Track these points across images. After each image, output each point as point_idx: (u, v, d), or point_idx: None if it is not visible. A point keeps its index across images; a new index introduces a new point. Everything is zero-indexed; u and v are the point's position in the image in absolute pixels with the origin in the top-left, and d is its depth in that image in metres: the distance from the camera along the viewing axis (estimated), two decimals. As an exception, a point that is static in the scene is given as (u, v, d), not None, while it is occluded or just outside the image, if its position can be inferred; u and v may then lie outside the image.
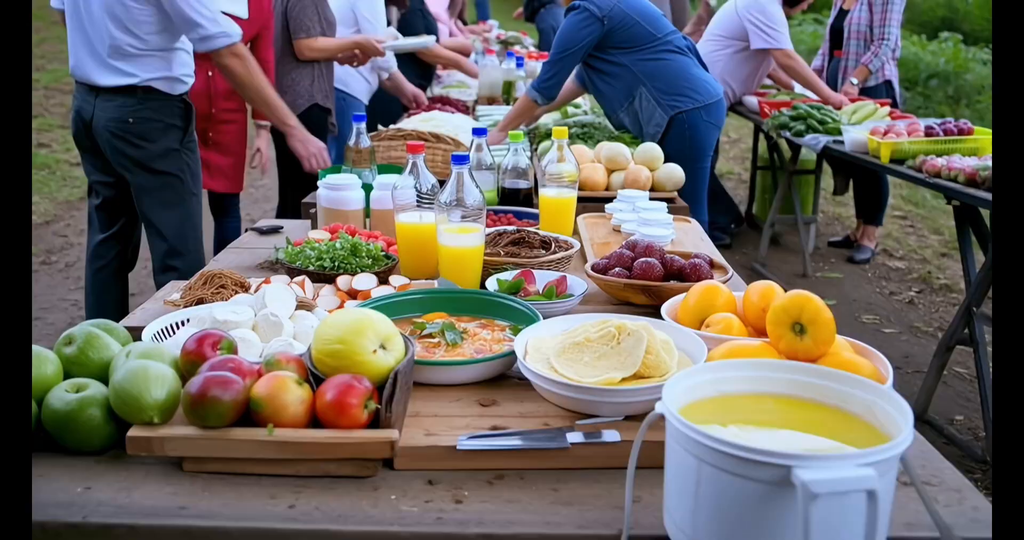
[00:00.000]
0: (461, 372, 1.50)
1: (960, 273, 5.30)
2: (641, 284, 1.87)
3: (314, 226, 2.66)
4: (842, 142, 4.27)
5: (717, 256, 2.21)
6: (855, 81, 5.36)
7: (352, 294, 1.89)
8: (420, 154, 2.10)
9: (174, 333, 1.59)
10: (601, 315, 1.61)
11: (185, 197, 3.12)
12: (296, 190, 4.03)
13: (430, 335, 1.63)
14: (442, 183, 2.96)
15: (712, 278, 1.92)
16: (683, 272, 1.93)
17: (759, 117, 5.33)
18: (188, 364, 1.33)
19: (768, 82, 5.96)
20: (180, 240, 3.13)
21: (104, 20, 2.92)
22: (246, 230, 2.69)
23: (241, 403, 1.22)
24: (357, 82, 4.70)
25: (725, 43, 5.39)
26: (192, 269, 3.11)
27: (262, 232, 2.62)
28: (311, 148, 3.13)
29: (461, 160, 1.99)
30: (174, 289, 1.94)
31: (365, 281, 1.90)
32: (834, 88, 5.65)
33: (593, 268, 2.02)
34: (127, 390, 1.21)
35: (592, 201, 2.93)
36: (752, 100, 5.44)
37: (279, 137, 4.13)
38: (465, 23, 8.82)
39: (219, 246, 3.96)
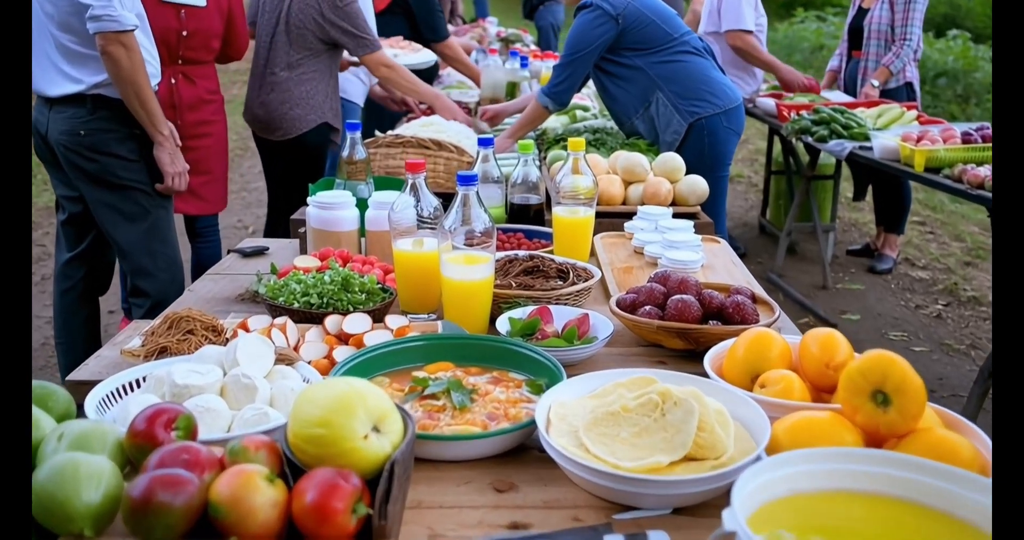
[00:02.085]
0: (472, 448, 1.25)
1: (988, 284, 5.05)
2: (677, 327, 1.62)
3: (303, 248, 2.40)
4: (869, 148, 4.01)
5: (758, 288, 1.96)
6: (876, 83, 5.10)
7: (342, 338, 1.64)
8: (421, 174, 1.85)
9: (128, 393, 1.34)
10: (635, 371, 1.36)
11: (150, 210, 2.85)
12: (288, 202, 3.76)
13: (433, 396, 1.38)
14: (445, 201, 2.71)
15: (757, 318, 1.67)
16: (724, 312, 1.67)
17: (776, 120, 5.08)
18: (135, 449, 1.07)
19: (777, 84, 5.71)
20: (146, 258, 2.86)
21: (44, 21, 2.71)
22: (228, 251, 2.43)
23: (196, 509, 0.96)
24: (353, 85, 4.41)
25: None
26: (164, 292, 2.85)
27: (245, 254, 2.37)
28: (178, 166, 2.82)
29: (468, 180, 1.73)
30: (136, 332, 1.69)
31: (357, 323, 1.64)
32: (853, 90, 5.41)
33: (619, 304, 1.76)
34: (52, 494, 0.95)
35: (608, 217, 2.67)
36: (768, 102, 5.18)
37: (267, 146, 3.85)
38: (464, 21, 8.55)
39: (195, 273, 3.66)
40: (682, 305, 1.64)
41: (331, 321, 1.65)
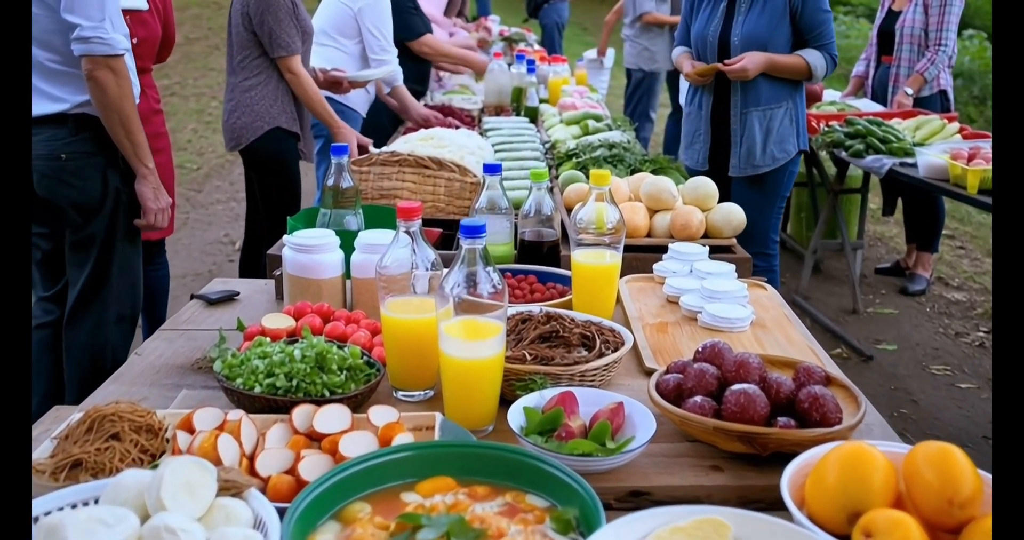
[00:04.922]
0: (479, 641, 0.90)
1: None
2: (740, 431, 1.27)
3: (279, 294, 2.06)
4: (911, 165, 3.66)
5: (831, 365, 1.61)
6: (910, 91, 4.75)
7: (314, 437, 1.29)
8: (415, 221, 1.50)
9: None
10: (696, 509, 1.02)
11: (117, 244, 2.53)
12: (260, 223, 3.42)
13: (428, 544, 1.03)
14: (446, 229, 2.36)
15: (840, 417, 1.32)
16: (797, 406, 1.33)
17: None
18: None
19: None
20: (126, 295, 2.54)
21: None
22: (192, 296, 2.09)
23: None
24: (356, 92, 4.08)
25: None
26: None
27: (210, 302, 2.02)
28: (162, 202, 2.54)
29: (474, 232, 1.39)
30: (54, 424, 1.34)
31: (333, 419, 1.29)
32: (883, 98, 5.06)
33: (660, 389, 1.42)
34: None
35: (631, 251, 2.31)
36: (794, 111, 4.83)
37: (251, 156, 3.52)
38: (467, 20, 8.19)
39: (147, 301, 3.27)
40: (745, 400, 1.29)
41: (300, 414, 1.31)
